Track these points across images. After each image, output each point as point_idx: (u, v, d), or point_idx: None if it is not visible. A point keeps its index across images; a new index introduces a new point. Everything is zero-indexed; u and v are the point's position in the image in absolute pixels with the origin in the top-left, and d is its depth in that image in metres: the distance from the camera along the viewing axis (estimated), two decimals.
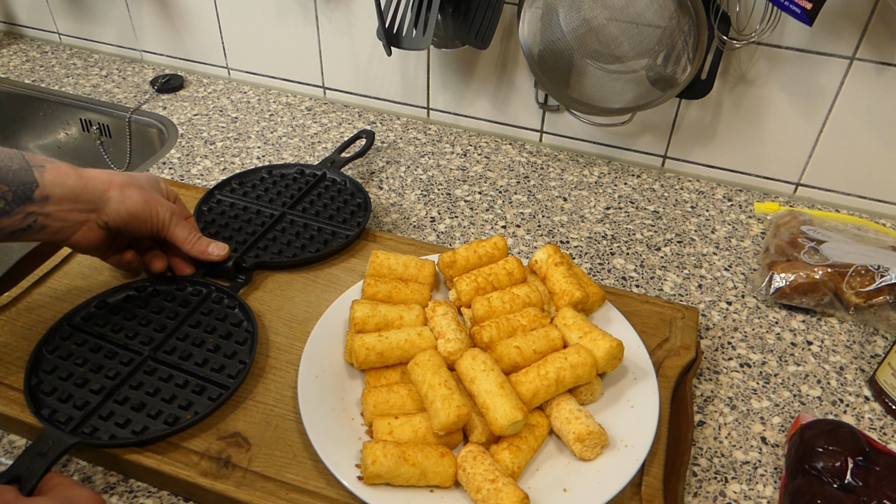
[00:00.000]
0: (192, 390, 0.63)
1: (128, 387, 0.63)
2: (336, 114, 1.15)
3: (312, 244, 0.80)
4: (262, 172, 0.91)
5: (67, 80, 1.23)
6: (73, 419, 0.59)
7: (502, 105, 1.08)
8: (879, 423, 0.68)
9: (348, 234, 0.81)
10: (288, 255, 0.78)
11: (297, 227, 0.83)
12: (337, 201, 0.87)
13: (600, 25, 0.85)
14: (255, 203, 0.87)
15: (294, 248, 0.80)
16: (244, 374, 0.64)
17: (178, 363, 0.65)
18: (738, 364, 0.73)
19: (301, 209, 0.86)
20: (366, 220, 0.83)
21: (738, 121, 0.96)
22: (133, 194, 0.67)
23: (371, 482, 0.54)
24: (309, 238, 0.81)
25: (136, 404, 0.61)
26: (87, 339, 0.67)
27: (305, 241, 0.80)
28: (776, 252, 0.82)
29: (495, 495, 0.52)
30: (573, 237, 0.90)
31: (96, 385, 0.62)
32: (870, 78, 0.86)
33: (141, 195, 0.67)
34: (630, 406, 0.62)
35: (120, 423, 0.59)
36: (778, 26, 0.86)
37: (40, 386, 0.62)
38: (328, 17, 1.09)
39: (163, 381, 0.63)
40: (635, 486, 0.57)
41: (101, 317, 0.69)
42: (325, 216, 0.85)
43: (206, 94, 1.20)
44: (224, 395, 0.62)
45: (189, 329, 0.68)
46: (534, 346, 0.61)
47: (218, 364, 0.65)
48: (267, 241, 0.81)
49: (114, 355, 0.65)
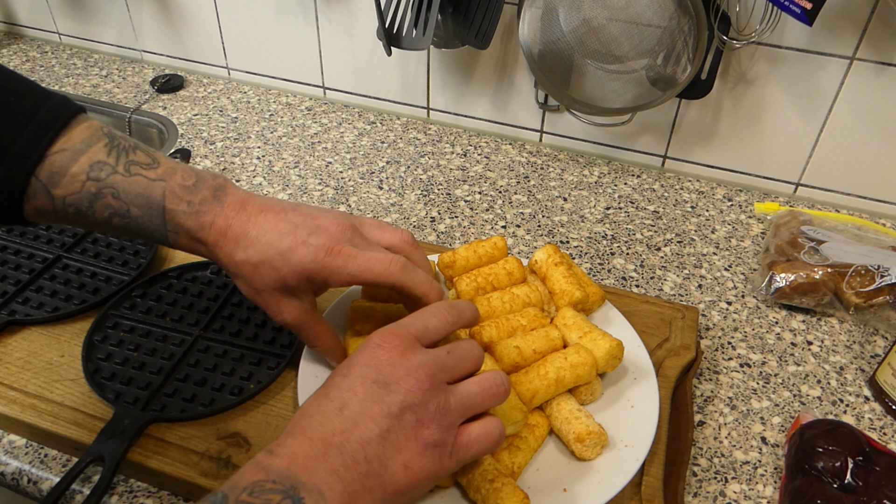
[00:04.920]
0: (249, 362, 0.65)
1: (186, 365, 0.65)
2: (336, 114, 1.15)
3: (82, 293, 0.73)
4: None
5: (67, 80, 1.23)
6: (141, 399, 0.61)
7: (502, 105, 1.08)
8: (879, 423, 0.68)
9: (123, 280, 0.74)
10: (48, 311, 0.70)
11: (71, 272, 0.75)
12: (122, 240, 0.79)
13: (600, 25, 0.85)
14: (29, 246, 0.78)
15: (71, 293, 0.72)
16: (297, 342, 0.66)
17: (230, 339, 0.67)
18: (738, 364, 0.73)
19: (80, 250, 0.78)
20: (148, 261, 0.76)
21: (738, 121, 0.96)
22: (240, 285, 0.57)
23: None
24: (79, 287, 0.73)
25: (198, 380, 0.63)
26: (135, 326, 0.68)
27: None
28: (776, 252, 0.82)
29: (495, 495, 0.52)
30: (573, 237, 0.90)
31: (154, 367, 0.64)
32: (870, 78, 0.86)
33: (247, 292, 0.57)
34: (630, 406, 0.62)
35: (187, 398, 0.61)
36: (778, 26, 0.86)
37: (99, 372, 0.63)
38: (328, 17, 1.09)
39: (218, 356, 0.65)
40: (635, 486, 0.57)
41: (143, 305, 0.71)
42: (104, 258, 0.77)
43: (206, 94, 1.20)
44: (282, 363, 0.65)
45: (233, 308, 0.71)
46: (534, 345, 0.61)
47: (269, 336, 0.67)
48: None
49: (164, 339, 0.67)
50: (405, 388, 0.45)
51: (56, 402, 0.62)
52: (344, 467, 0.42)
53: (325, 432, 0.43)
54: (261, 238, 0.55)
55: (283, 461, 0.41)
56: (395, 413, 0.44)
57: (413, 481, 0.44)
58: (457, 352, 0.49)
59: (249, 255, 0.55)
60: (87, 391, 0.63)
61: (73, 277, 0.74)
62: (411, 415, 0.44)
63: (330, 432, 0.43)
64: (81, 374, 0.64)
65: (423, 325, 0.49)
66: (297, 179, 0.99)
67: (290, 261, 0.54)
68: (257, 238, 0.55)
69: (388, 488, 0.43)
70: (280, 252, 0.54)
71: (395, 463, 0.43)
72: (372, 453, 0.43)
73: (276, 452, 0.42)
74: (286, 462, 0.41)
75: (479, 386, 0.48)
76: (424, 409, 0.45)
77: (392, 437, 0.44)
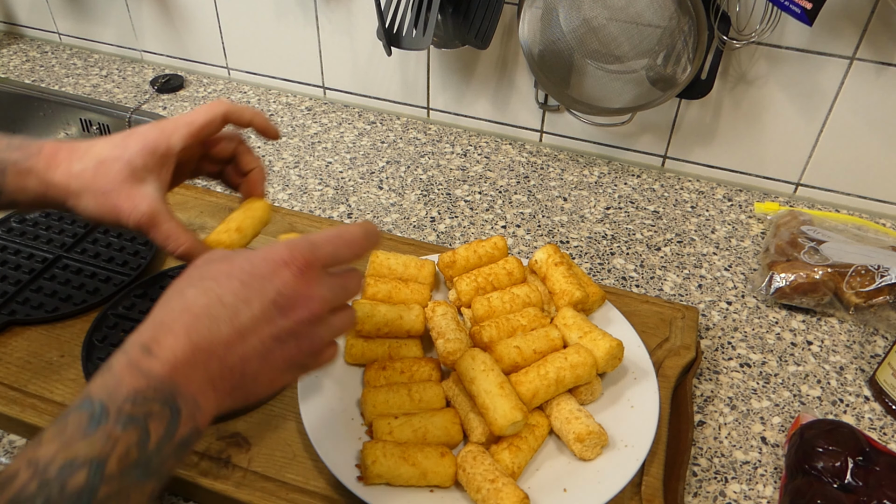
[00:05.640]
0: None
1: None
2: (336, 114, 1.15)
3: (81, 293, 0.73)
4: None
5: (67, 80, 1.23)
6: None
7: (502, 105, 1.08)
8: (879, 423, 0.68)
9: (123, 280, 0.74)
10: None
11: (71, 272, 0.75)
12: (122, 239, 0.80)
13: (600, 25, 0.85)
14: (29, 246, 0.78)
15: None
16: None
17: None
18: (738, 364, 0.73)
19: (80, 250, 0.78)
20: (148, 261, 0.76)
21: (738, 121, 0.96)
22: (88, 204, 0.54)
23: (371, 482, 0.54)
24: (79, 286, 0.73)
25: None
26: (135, 326, 0.67)
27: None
28: (776, 252, 0.82)
29: (495, 495, 0.52)
30: (573, 237, 0.90)
31: None
32: (870, 78, 0.86)
33: (96, 205, 0.54)
34: (630, 406, 0.62)
35: None
36: (778, 26, 0.86)
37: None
38: (328, 17, 1.09)
39: None
40: (635, 486, 0.57)
41: (143, 304, 0.70)
42: (104, 258, 0.77)
43: (206, 94, 1.20)
44: None
45: None
46: (534, 345, 0.61)
47: None
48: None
49: None
50: (298, 317, 0.45)
51: (56, 402, 0.62)
52: (220, 378, 0.43)
53: (211, 340, 0.42)
54: (93, 147, 0.55)
55: (164, 367, 0.40)
56: (282, 338, 0.45)
57: (271, 392, 0.48)
58: (348, 287, 0.49)
59: (87, 161, 0.54)
60: None
61: (73, 277, 0.74)
62: (294, 343, 0.46)
63: (216, 342, 0.42)
64: (81, 374, 0.64)
65: (333, 255, 0.48)
66: (297, 179, 0.99)
67: (129, 144, 0.55)
68: (89, 148, 0.55)
69: (249, 397, 0.46)
70: (116, 145, 0.55)
71: (265, 378, 0.45)
72: (249, 370, 0.44)
73: (156, 354, 0.41)
74: (167, 368, 0.40)
75: (348, 321, 0.50)
76: (308, 340, 0.46)
77: (271, 358, 0.45)
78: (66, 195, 0.54)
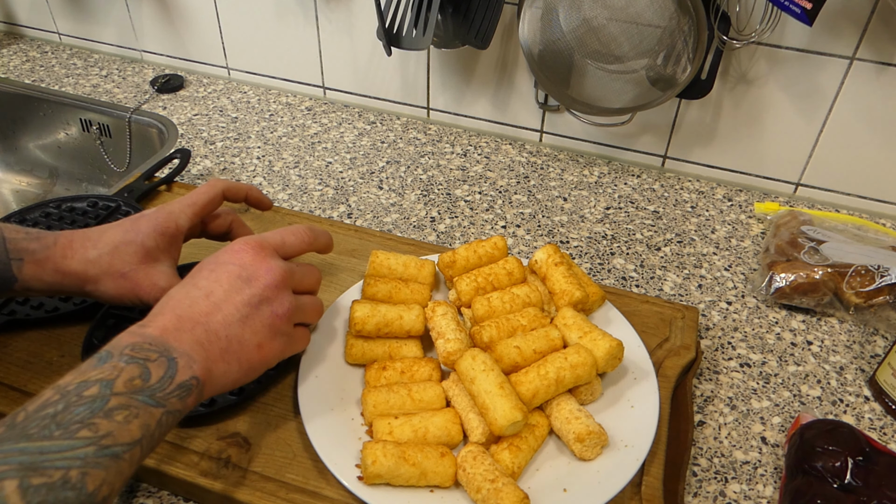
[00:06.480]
0: None
1: None
2: (336, 114, 1.15)
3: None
4: (50, 206, 0.82)
5: (67, 80, 1.23)
6: None
7: (502, 105, 1.08)
8: (879, 423, 0.68)
9: None
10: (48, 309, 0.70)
11: None
12: None
13: (600, 25, 0.85)
14: None
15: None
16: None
17: None
18: (738, 364, 0.73)
19: None
20: None
21: (738, 121, 0.96)
22: (107, 287, 0.59)
23: (371, 482, 0.54)
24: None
25: None
26: None
27: None
28: (776, 252, 0.82)
29: (495, 495, 0.52)
30: (573, 237, 0.90)
31: None
32: (870, 78, 0.86)
33: (116, 287, 0.59)
34: (630, 406, 0.62)
35: None
36: (778, 26, 0.86)
37: None
38: (328, 17, 1.09)
39: None
40: (635, 486, 0.57)
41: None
42: None
43: (206, 94, 1.20)
44: (282, 363, 0.60)
45: None
46: (534, 345, 0.61)
47: None
48: None
49: None
50: (263, 283, 0.53)
51: None
52: (207, 341, 0.49)
53: (192, 312, 0.50)
54: (105, 233, 0.60)
55: (156, 331, 0.48)
56: (254, 304, 0.52)
57: (263, 359, 0.53)
58: (303, 268, 0.58)
59: (101, 248, 0.59)
60: None
61: None
62: (267, 307, 0.53)
63: (197, 313, 0.50)
64: None
65: (281, 240, 0.58)
66: (297, 179, 0.99)
67: (140, 227, 0.60)
68: (101, 235, 0.60)
69: (242, 363, 0.52)
70: (127, 230, 0.60)
71: (251, 343, 0.52)
72: (232, 333, 0.51)
73: (148, 325, 0.48)
74: (158, 331, 0.48)
75: (316, 305, 0.60)
76: (279, 303, 0.54)
77: (250, 322, 0.52)
78: (83, 281, 0.59)
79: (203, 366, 0.48)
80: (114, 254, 0.59)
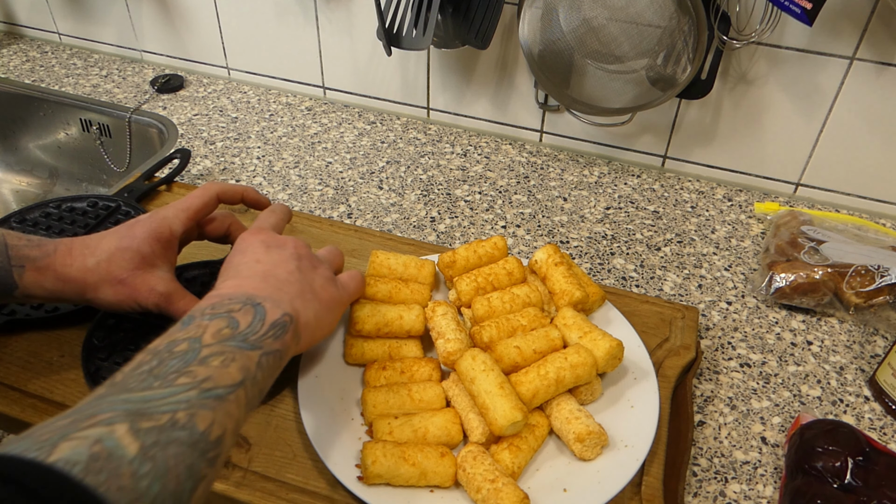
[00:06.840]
0: None
1: None
2: (336, 114, 1.15)
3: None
4: (50, 206, 0.81)
5: (67, 80, 1.23)
6: None
7: (502, 105, 1.08)
8: (879, 423, 0.68)
9: None
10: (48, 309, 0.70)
11: None
12: None
13: (600, 25, 0.85)
14: None
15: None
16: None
17: None
18: (738, 364, 0.73)
19: None
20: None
21: (738, 121, 0.96)
22: (106, 294, 0.59)
23: (371, 482, 0.54)
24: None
25: None
26: (136, 326, 0.68)
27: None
28: (776, 252, 0.82)
29: (495, 495, 0.52)
30: (573, 237, 0.90)
31: None
32: (870, 78, 0.86)
33: (114, 293, 0.59)
34: (630, 406, 0.62)
35: None
36: (778, 26, 0.86)
37: (99, 372, 0.63)
38: (328, 17, 1.09)
39: None
40: (635, 486, 0.57)
41: None
42: None
43: (206, 94, 1.20)
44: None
45: None
46: (534, 345, 0.61)
47: None
48: None
49: None
50: (292, 246, 0.57)
51: (56, 403, 0.62)
52: (282, 287, 0.52)
53: (254, 272, 0.53)
54: (102, 241, 0.60)
55: (231, 289, 0.50)
56: (295, 259, 0.56)
57: (329, 300, 0.56)
58: (305, 242, 0.61)
59: (99, 255, 0.59)
60: (88, 391, 0.63)
61: None
62: (307, 261, 0.57)
63: (259, 272, 0.53)
64: (81, 374, 0.64)
65: (268, 222, 0.62)
66: (297, 179, 0.99)
67: (135, 233, 0.61)
68: (99, 243, 0.60)
69: (321, 301, 0.55)
70: (123, 236, 0.61)
71: (317, 284, 0.56)
72: (298, 278, 0.54)
73: (220, 287, 0.51)
74: (234, 288, 0.51)
75: (329, 251, 0.63)
76: (311, 258, 0.58)
77: (304, 270, 0.56)
78: (83, 288, 0.59)
79: (291, 305, 0.51)
80: (111, 260, 0.59)
